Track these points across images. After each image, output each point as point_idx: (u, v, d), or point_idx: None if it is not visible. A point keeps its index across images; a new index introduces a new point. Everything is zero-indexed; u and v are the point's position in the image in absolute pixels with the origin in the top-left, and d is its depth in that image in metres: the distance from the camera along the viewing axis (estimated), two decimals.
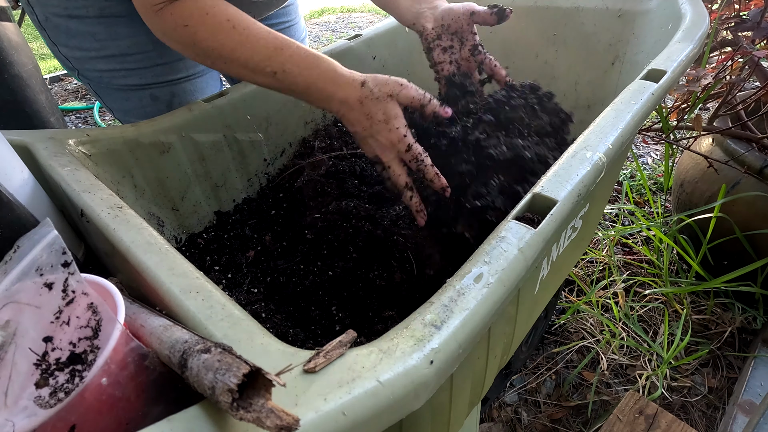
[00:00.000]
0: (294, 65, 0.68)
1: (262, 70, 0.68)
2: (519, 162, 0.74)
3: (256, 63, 0.67)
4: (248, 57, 0.67)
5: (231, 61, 0.67)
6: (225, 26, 0.66)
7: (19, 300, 0.38)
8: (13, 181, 0.60)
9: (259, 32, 0.68)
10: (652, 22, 1.04)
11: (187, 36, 0.66)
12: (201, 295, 0.43)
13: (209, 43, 0.66)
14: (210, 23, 0.66)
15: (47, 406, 0.34)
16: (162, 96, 0.96)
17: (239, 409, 0.29)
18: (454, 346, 0.39)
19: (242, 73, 0.69)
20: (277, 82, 0.69)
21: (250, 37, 0.67)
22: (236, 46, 0.67)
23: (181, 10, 0.65)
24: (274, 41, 0.68)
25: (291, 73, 0.68)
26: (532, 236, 0.49)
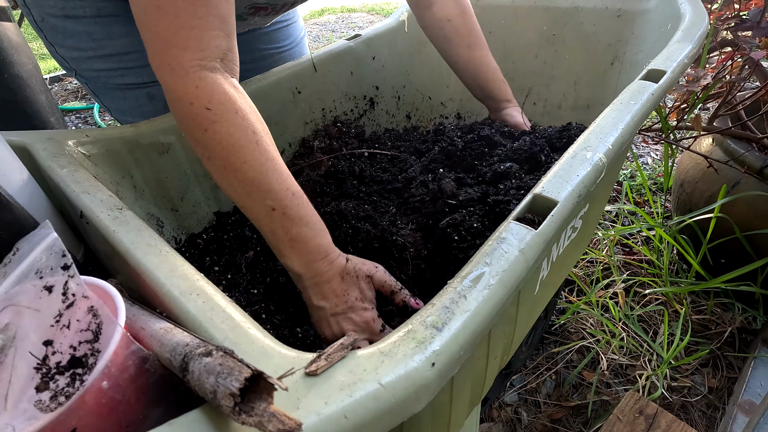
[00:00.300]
0: (297, 214, 0.63)
1: (262, 199, 0.61)
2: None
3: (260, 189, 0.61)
4: (255, 178, 0.60)
5: (233, 171, 0.60)
6: (249, 137, 0.60)
7: (19, 303, 0.38)
8: (13, 182, 0.60)
9: (279, 164, 0.63)
10: (651, 22, 1.04)
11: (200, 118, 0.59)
12: (201, 298, 0.43)
13: (221, 139, 0.59)
14: (236, 123, 0.60)
15: (48, 410, 0.34)
16: (159, 95, 0.96)
17: (241, 413, 0.29)
18: (456, 347, 0.39)
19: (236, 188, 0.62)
20: (268, 218, 0.62)
21: (268, 161, 0.61)
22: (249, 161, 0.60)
23: (210, 89, 0.59)
24: (290, 182, 0.63)
25: (290, 219, 0.62)
26: (532, 237, 0.49)
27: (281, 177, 0.62)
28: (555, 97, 1.29)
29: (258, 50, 1.14)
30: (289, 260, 0.65)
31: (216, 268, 0.86)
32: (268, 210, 0.61)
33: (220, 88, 0.59)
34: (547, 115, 1.32)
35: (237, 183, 0.61)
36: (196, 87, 0.58)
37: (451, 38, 1.03)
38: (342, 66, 1.16)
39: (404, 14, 1.30)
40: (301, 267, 0.65)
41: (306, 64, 1.09)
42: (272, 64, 1.11)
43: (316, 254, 0.64)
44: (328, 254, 0.65)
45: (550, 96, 1.30)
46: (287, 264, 0.66)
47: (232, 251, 0.90)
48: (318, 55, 1.12)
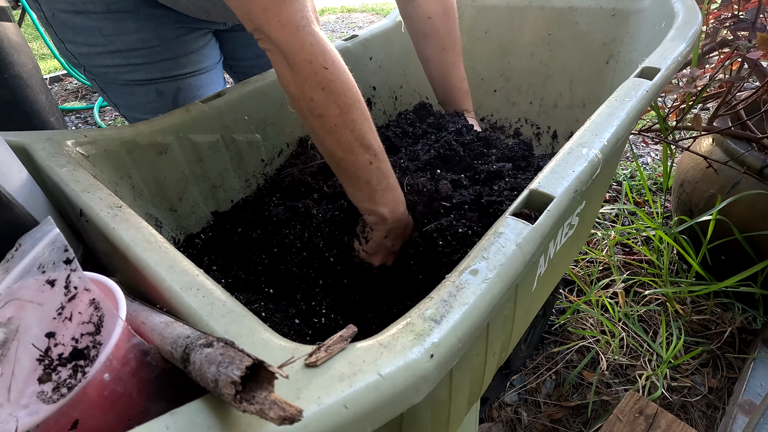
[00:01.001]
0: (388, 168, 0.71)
1: (362, 154, 0.67)
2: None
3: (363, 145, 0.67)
4: (359, 136, 0.66)
5: (344, 127, 0.65)
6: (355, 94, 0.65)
7: (22, 297, 0.38)
8: (12, 181, 0.61)
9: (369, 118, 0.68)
10: (645, 20, 1.05)
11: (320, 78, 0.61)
12: (201, 292, 0.44)
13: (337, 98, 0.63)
14: (347, 82, 0.63)
15: (50, 401, 0.34)
16: (167, 91, 0.96)
17: (242, 401, 0.29)
18: (454, 340, 0.39)
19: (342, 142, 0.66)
20: (366, 168, 0.68)
21: (367, 119, 0.67)
22: (354, 120, 0.65)
23: (324, 47, 0.60)
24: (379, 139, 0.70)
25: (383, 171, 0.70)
26: (529, 232, 0.49)
27: (375, 134, 0.69)
28: (551, 96, 1.29)
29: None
30: (380, 206, 0.72)
31: (214, 268, 0.87)
32: (367, 163, 0.68)
33: (330, 46, 0.61)
34: (543, 114, 1.33)
35: (346, 140, 0.65)
36: (311, 44, 0.59)
37: (428, 36, 1.03)
38: None
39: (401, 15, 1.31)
40: (389, 213, 0.73)
41: None
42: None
43: (399, 203, 0.75)
44: (404, 205, 0.76)
45: (546, 95, 1.30)
46: (375, 209, 0.73)
47: (231, 251, 0.90)
48: None
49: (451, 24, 1.03)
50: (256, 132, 1.01)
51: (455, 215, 0.76)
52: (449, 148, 0.92)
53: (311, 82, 0.61)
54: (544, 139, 1.35)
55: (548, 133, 1.33)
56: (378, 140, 0.69)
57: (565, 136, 1.30)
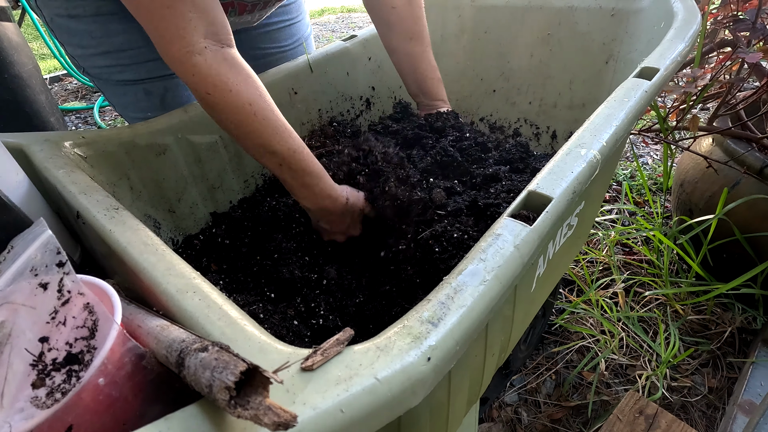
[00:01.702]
0: (300, 168, 0.74)
1: (270, 158, 0.72)
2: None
3: (266, 151, 0.71)
4: (261, 144, 0.70)
5: (242, 138, 0.71)
6: (246, 111, 0.68)
7: (14, 301, 0.38)
8: (9, 183, 0.60)
9: (277, 126, 0.71)
10: (644, 20, 1.05)
11: (207, 102, 0.67)
12: (198, 295, 0.43)
13: (227, 117, 0.68)
14: (232, 103, 0.67)
15: (44, 406, 0.34)
16: (155, 90, 0.98)
17: (237, 406, 0.29)
18: (451, 343, 0.39)
19: (248, 148, 0.73)
20: (278, 170, 0.74)
21: (268, 128, 0.70)
22: (252, 132, 0.69)
23: (205, 76, 0.65)
24: (289, 141, 0.72)
25: (295, 171, 0.74)
26: (527, 233, 0.49)
27: (281, 138, 0.71)
28: (550, 96, 1.29)
29: (259, 48, 1.14)
30: (301, 200, 0.80)
31: (213, 269, 0.86)
32: (277, 165, 0.73)
33: (212, 71, 0.65)
34: (543, 114, 1.33)
35: (250, 147, 0.72)
36: (192, 75, 0.65)
37: (393, 26, 1.01)
38: (338, 67, 1.17)
39: None
40: (311, 205, 0.80)
41: (302, 64, 1.10)
42: (273, 63, 1.12)
43: (321, 196, 0.78)
44: (330, 195, 0.79)
45: (545, 95, 1.30)
46: (300, 203, 0.81)
47: (229, 252, 0.90)
48: (314, 56, 1.12)
49: (417, 13, 1.01)
50: None
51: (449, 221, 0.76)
52: (446, 154, 0.91)
53: (204, 105, 0.69)
54: (544, 139, 1.34)
55: (547, 133, 1.33)
56: (286, 142, 0.71)
57: (565, 136, 1.30)
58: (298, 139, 0.74)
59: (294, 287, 0.80)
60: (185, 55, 0.63)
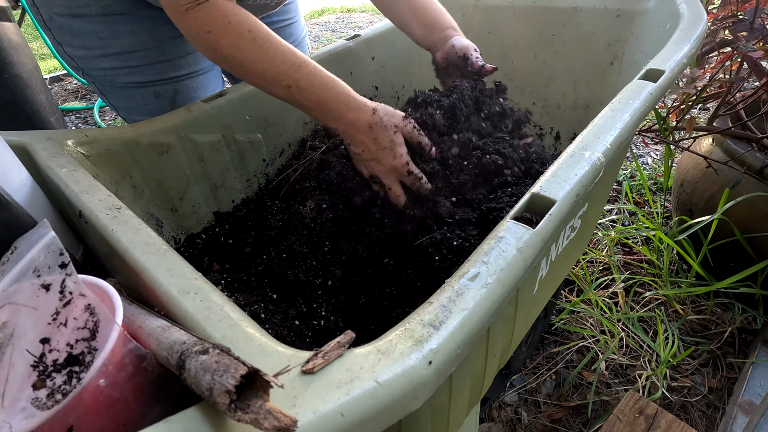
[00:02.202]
0: (309, 82, 0.71)
1: (278, 82, 0.70)
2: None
3: (273, 75, 0.70)
4: (266, 69, 0.69)
5: (249, 70, 0.70)
6: (246, 37, 0.68)
7: (17, 301, 0.38)
8: (11, 181, 0.60)
9: (279, 46, 0.70)
10: (650, 22, 1.04)
11: (209, 42, 0.68)
12: (199, 296, 0.43)
13: (230, 51, 0.68)
14: (232, 32, 0.67)
15: (45, 407, 0.34)
16: (165, 93, 0.96)
17: (237, 410, 0.29)
18: (453, 346, 0.39)
19: (258, 82, 0.72)
20: (290, 95, 0.72)
21: (269, 50, 0.69)
22: (255, 58, 0.69)
23: (205, 16, 0.67)
24: (292, 57, 0.71)
25: (305, 89, 0.71)
26: (530, 236, 0.49)
27: (284, 56, 0.70)
28: (554, 97, 1.29)
29: None
30: (323, 120, 0.75)
31: (215, 268, 0.86)
32: (287, 89, 0.71)
33: (212, 10, 0.67)
34: (546, 114, 1.32)
35: (257, 78, 0.71)
36: (195, 19, 0.67)
37: None
38: (341, 66, 1.17)
39: None
40: (333, 122, 0.75)
41: None
42: None
43: (342, 108, 0.73)
44: (351, 106, 0.73)
45: (549, 96, 1.30)
46: (325, 124, 0.76)
47: (231, 251, 0.90)
48: (317, 56, 1.12)
49: None
50: (258, 132, 1.01)
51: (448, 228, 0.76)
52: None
53: (207, 49, 0.69)
54: (547, 140, 1.34)
55: (551, 135, 1.33)
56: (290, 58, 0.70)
57: (568, 137, 1.30)
58: (301, 54, 0.72)
59: (297, 290, 0.79)
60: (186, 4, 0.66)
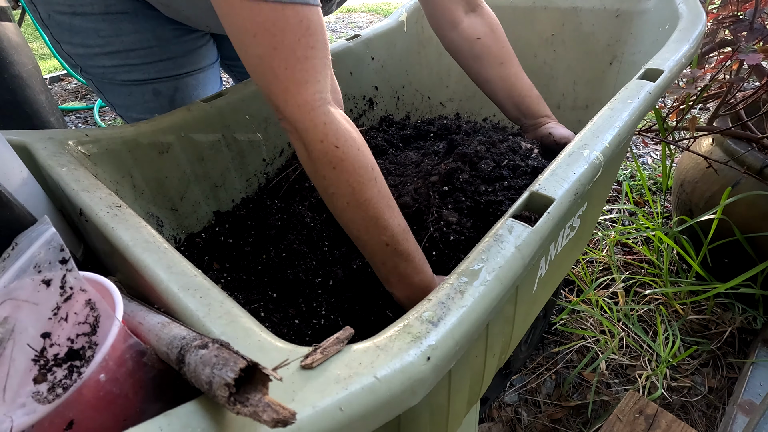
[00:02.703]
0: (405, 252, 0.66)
1: (378, 235, 0.65)
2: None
3: (380, 226, 0.64)
4: (374, 215, 0.64)
5: (354, 206, 0.63)
6: (369, 174, 0.63)
7: (18, 297, 0.38)
8: (12, 180, 0.60)
9: (390, 198, 0.66)
10: (649, 22, 1.05)
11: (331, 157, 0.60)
12: (199, 293, 0.44)
13: (348, 177, 0.61)
14: (359, 161, 0.61)
15: (45, 401, 0.34)
16: (165, 91, 0.96)
17: (236, 403, 0.29)
18: (451, 343, 0.39)
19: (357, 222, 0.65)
20: (382, 251, 0.66)
21: (384, 198, 0.64)
22: (369, 200, 0.63)
23: (336, 127, 0.60)
24: (400, 218, 0.67)
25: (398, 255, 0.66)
26: (529, 234, 0.49)
27: (395, 213, 0.66)
28: (554, 97, 1.29)
29: None
30: (395, 289, 0.70)
31: (215, 267, 0.87)
32: (383, 245, 0.65)
33: (343, 125, 0.61)
34: None
35: (359, 219, 0.64)
36: (324, 124, 0.59)
37: (481, 56, 0.98)
38: (341, 66, 1.17)
39: (403, 14, 1.31)
40: (404, 298, 0.70)
41: None
42: None
43: (418, 289, 0.69)
44: (426, 288, 0.69)
45: (549, 96, 1.30)
46: (392, 291, 0.71)
47: (231, 251, 0.90)
48: None
49: (503, 38, 0.99)
50: (258, 131, 1.01)
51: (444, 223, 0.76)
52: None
53: (323, 161, 0.60)
54: None
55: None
56: (398, 218, 0.66)
57: None
58: (404, 219, 0.68)
59: (297, 289, 0.80)
60: (319, 100, 0.58)
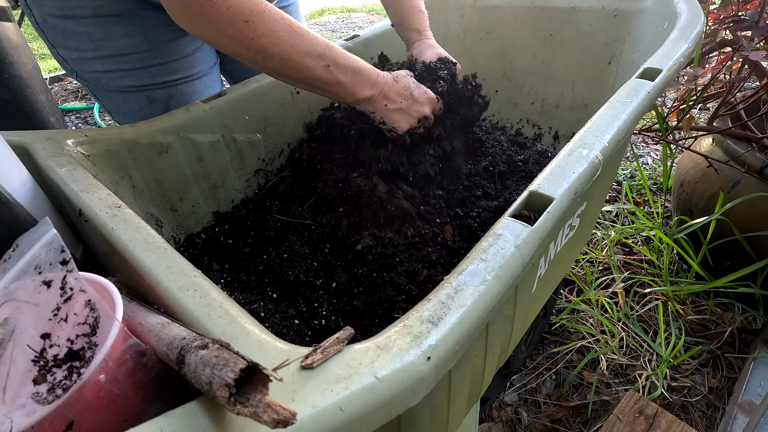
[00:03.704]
0: (343, 59, 0.75)
1: (318, 63, 0.72)
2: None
3: (314, 57, 0.72)
4: (306, 52, 0.71)
5: (288, 56, 0.70)
6: (282, 24, 0.69)
7: (18, 298, 0.38)
8: (12, 181, 0.60)
9: (309, 31, 0.73)
10: (647, 21, 1.05)
11: (245, 32, 0.67)
12: (199, 293, 0.44)
13: (269, 38, 0.68)
14: (269, 20, 0.67)
15: (45, 402, 0.34)
16: (159, 98, 0.96)
17: (236, 404, 0.29)
18: (452, 342, 0.39)
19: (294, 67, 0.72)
20: (330, 74, 0.74)
21: (305, 33, 0.71)
22: (295, 42, 0.70)
23: (239, 6, 0.65)
24: (323, 40, 0.74)
25: (342, 65, 0.75)
26: (528, 233, 0.49)
27: (317, 38, 0.73)
28: (553, 97, 1.29)
29: None
30: (360, 93, 0.79)
31: (215, 268, 0.87)
32: (326, 68, 0.73)
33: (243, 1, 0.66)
34: (545, 114, 1.33)
35: (295, 60, 0.71)
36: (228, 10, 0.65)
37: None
38: None
39: None
40: (371, 89, 0.80)
41: None
42: None
43: (372, 74, 0.79)
44: (376, 71, 0.80)
45: (547, 95, 1.30)
46: (359, 97, 0.80)
47: (231, 251, 0.90)
48: None
49: None
50: (257, 132, 1.01)
51: None
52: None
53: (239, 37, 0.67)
54: (546, 139, 1.34)
55: (549, 134, 1.33)
56: (321, 40, 0.73)
57: (567, 136, 1.30)
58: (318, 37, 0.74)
59: (297, 290, 0.79)
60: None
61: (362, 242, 0.82)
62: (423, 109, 0.85)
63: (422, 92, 0.84)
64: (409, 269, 0.78)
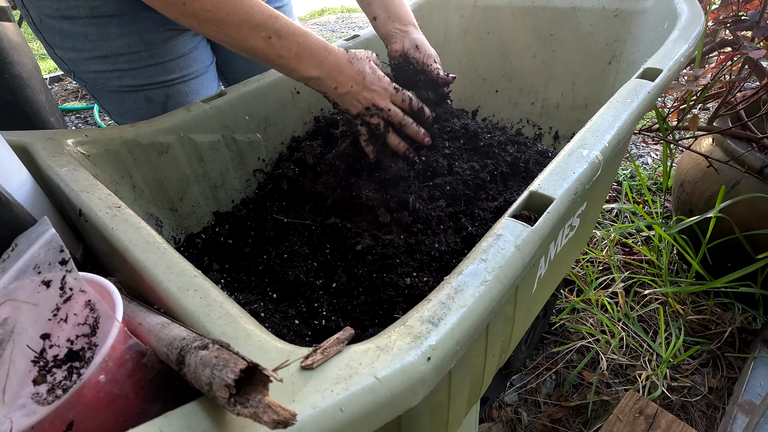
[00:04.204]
0: (288, 31, 0.70)
1: (257, 34, 0.68)
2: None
3: (252, 27, 0.67)
4: (244, 20, 0.66)
5: (224, 23, 0.66)
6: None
7: (17, 298, 0.38)
8: (12, 181, 0.60)
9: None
10: (648, 21, 1.05)
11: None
12: (199, 293, 0.43)
13: (201, 3, 0.64)
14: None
15: (45, 402, 0.34)
16: (156, 98, 0.96)
17: (236, 404, 0.29)
18: (452, 343, 0.39)
19: (233, 36, 0.68)
20: (269, 46, 0.69)
21: (246, 1, 0.67)
22: (232, 10, 0.65)
23: None
24: (267, 8, 0.68)
25: (286, 38, 0.69)
26: (528, 234, 0.49)
27: (260, 7, 0.67)
28: (553, 97, 1.29)
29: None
30: (305, 71, 0.73)
31: (215, 268, 0.87)
32: (266, 40, 0.68)
33: None
34: (545, 114, 1.33)
35: (234, 30, 0.67)
36: None
37: None
38: None
39: None
40: (316, 69, 0.73)
41: None
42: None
43: (322, 53, 0.73)
44: (328, 49, 0.73)
45: (548, 96, 1.30)
46: (305, 75, 0.74)
47: (231, 251, 0.90)
48: None
49: None
50: (257, 132, 1.01)
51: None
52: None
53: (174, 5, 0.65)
54: (546, 139, 1.34)
55: (550, 134, 1.33)
56: (265, 9, 0.68)
57: (567, 136, 1.30)
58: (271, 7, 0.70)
59: (297, 290, 0.79)
60: None
61: (362, 242, 0.82)
62: (372, 97, 0.79)
63: (375, 78, 0.78)
64: (409, 270, 0.78)
